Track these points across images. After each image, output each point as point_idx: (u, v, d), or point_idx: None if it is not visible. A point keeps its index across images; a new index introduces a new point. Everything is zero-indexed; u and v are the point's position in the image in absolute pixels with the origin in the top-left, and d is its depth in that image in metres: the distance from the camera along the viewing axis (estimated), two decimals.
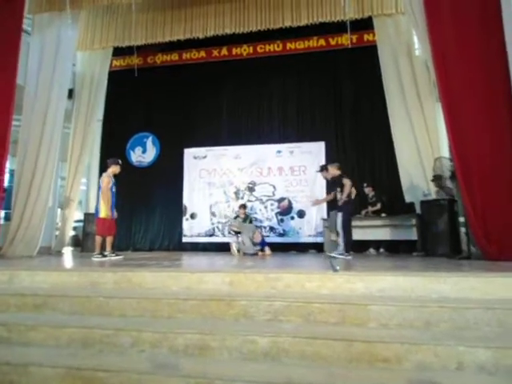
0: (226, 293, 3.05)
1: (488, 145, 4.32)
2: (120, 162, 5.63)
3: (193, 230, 8.36)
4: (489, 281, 2.80)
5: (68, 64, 7.29)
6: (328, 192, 6.22)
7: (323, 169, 5.95)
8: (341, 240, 5.09)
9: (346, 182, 5.20)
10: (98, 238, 5.38)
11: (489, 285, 2.77)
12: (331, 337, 2.31)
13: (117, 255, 5.43)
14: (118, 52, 8.25)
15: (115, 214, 5.49)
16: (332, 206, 5.88)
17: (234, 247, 6.40)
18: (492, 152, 4.30)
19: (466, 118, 4.45)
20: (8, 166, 5.95)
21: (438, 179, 5.75)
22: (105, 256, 5.26)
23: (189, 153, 8.62)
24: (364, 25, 7.23)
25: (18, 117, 6.39)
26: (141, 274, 3.40)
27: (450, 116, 4.60)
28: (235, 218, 7.74)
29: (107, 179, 5.38)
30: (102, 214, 5.34)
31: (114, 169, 5.52)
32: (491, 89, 4.37)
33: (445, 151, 6.37)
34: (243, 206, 7.58)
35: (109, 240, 5.46)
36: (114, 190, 5.47)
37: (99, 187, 5.49)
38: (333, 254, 5.04)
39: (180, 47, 8.41)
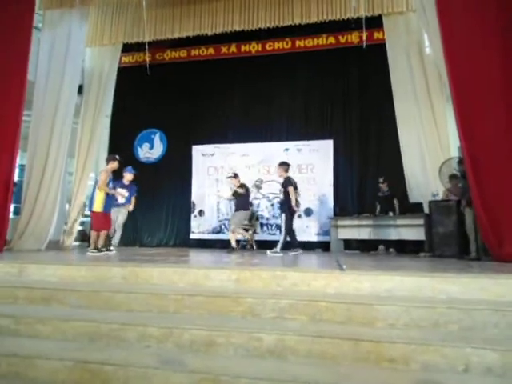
0: (232, 290, 3.05)
1: (502, 145, 4.22)
2: (118, 157, 5.71)
3: (200, 226, 8.37)
4: (499, 282, 2.77)
5: (78, 60, 7.31)
6: None
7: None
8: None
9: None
10: (93, 233, 5.42)
11: (499, 286, 2.73)
12: (337, 336, 2.30)
13: (110, 250, 5.48)
14: (127, 48, 8.25)
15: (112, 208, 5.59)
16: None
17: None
18: (506, 152, 4.21)
19: (478, 117, 4.36)
20: (18, 160, 6.03)
21: (453, 179, 5.58)
22: (101, 251, 5.29)
23: (197, 150, 8.61)
24: (374, 23, 7.14)
25: (28, 112, 6.44)
26: (148, 269, 3.42)
27: (461, 116, 4.50)
28: (234, 194, 6.84)
29: (105, 175, 5.43)
30: (97, 208, 5.36)
31: (112, 165, 5.60)
32: (506, 88, 4.27)
33: (454, 151, 6.28)
34: (235, 176, 6.63)
35: (102, 234, 5.48)
36: (110, 185, 5.54)
37: (96, 181, 5.57)
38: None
39: (189, 44, 8.41)
